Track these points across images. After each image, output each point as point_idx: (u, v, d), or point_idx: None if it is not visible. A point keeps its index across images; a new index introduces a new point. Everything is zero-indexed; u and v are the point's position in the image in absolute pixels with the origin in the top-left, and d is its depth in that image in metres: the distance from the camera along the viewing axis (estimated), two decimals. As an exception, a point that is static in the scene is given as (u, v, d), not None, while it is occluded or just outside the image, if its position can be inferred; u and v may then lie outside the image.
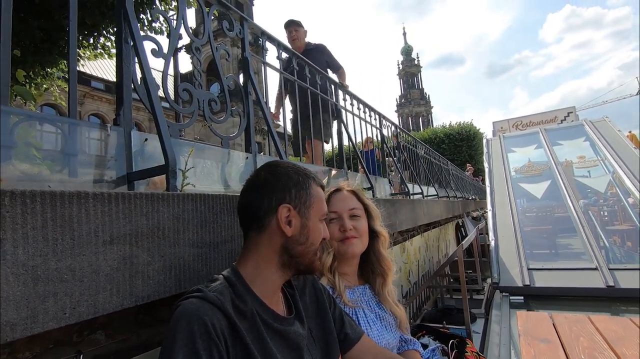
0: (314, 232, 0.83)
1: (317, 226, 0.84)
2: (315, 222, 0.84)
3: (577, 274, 3.26)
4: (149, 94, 1.24)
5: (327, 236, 0.87)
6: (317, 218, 0.84)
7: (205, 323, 0.64)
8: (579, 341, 1.43)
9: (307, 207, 0.83)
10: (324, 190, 0.90)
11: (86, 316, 0.65)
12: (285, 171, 0.84)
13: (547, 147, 6.26)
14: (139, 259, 0.75)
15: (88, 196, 0.67)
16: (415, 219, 3.40)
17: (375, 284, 1.18)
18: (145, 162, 1.34)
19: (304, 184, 0.84)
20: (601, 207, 4.91)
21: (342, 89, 3.15)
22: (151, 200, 0.79)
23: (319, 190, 0.87)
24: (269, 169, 0.86)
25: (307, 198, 0.83)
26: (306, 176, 0.86)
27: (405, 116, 59.66)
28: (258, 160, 1.91)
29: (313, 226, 0.83)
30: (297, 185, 0.83)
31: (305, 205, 0.83)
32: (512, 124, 14.86)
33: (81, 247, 0.65)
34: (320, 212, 0.85)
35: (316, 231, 0.84)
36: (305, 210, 0.83)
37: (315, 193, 0.85)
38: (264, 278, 0.80)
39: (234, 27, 1.85)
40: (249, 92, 1.92)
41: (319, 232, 0.84)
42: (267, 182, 0.82)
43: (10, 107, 0.97)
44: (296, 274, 0.86)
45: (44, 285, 0.59)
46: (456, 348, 1.26)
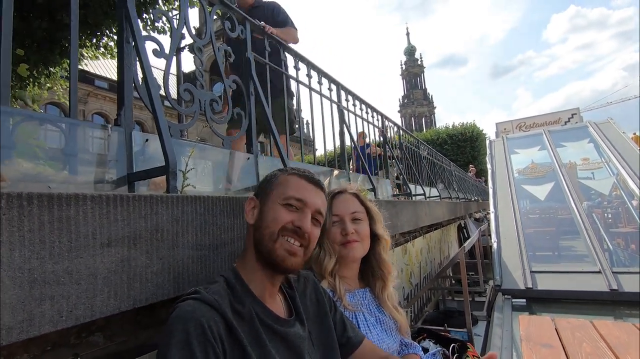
0: (267, 214, 0.80)
1: (273, 208, 0.81)
2: (273, 206, 0.81)
3: (580, 277, 3.24)
4: (149, 94, 1.23)
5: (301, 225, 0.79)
6: (276, 201, 0.81)
7: (202, 324, 0.63)
8: (582, 346, 1.40)
9: (267, 194, 0.84)
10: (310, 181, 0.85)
11: (83, 320, 0.64)
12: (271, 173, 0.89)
13: (550, 149, 6.23)
14: (138, 262, 0.75)
15: (86, 198, 0.67)
16: (417, 221, 3.38)
17: (375, 288, 1.17)
18: (146, 162, 1.34)
19: (272, 176, 0.86)
20: (605, 209, 4.87)
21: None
22: (150, 202, 0.79)
23: (287, 177, 0.85)
24: None
25: (267, 186, 0.85)
26: (280, 170, 0.88)
27: (408, 116, 59.57)
28: (260, 161, 1.90)
29: (268, 209, 0.81)
30: (265, 179, 0.87)
31: (265, 192, 0.84)
32: (515, 125, 14.80)
33: (78, 249, 0.64)
34: (281, 196, 0.81)
35: (270, 213, 0.80)
36: (264, 196, 0.84)
37: (280, 180, 0.85)
38: (253, 276, 0.80)
39: (236, 27, 1.84)
40: (251, 92, 1.92)
41: (273, 214, 0.80)
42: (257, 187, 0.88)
43: (11, 108, 0.97)
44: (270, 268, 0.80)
45: (40, 288, 0.59)
46: (457, 352, 1.25)
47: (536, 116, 15.48)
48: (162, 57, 1.39)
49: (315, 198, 0.84)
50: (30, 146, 1.11)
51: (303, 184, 0.84)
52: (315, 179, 0.87)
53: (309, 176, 0.86)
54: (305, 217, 0.81)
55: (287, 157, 1.99)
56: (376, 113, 3.89)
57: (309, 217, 0.82)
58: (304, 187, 0.84)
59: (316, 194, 0.85)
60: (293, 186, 0.83)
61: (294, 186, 0.83)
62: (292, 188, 0.83)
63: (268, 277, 0.81)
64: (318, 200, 0.84)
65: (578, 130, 6.95)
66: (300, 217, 0.80)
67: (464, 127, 20.76)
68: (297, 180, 0.84)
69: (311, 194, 0.84)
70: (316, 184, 0.86)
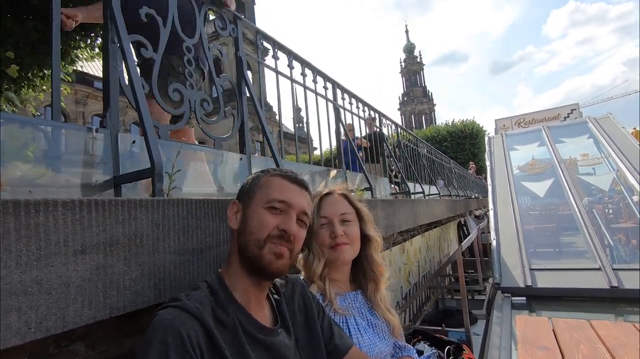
0: (252, 219, 0.77)
1: (257, 212, 0.78)
2: (256, 209, 0.78)
3: (580, 275, 3.21)
4: (134, 94, 1.21)
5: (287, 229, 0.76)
6: (259, 205, 0.78)
7: (180, 334, 0.61)
8: (579, 348, 1.37)
9: (250, 197, 0.81)
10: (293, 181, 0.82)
11: (54, 331, 0.62)
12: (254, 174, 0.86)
13: (550, 145, 6.19)
14: (114, 269, 0.72)
15: (57, 204, 0.64)
16: (416, 219, 3.35)
17: (367, 290, 1.14)
18: (134, 165, 1.31)
19: (255, 179, 0.83)
20: (605, 205, 4.84)
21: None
22: (128, 207, 0.76)
23: (270, 179, 0.82)
24: None
25: (249, 189, 0.82)
26: (261, 172, 0.85)
27: (408, 114, 59.49)
28: (253, 161, 1.88)
29: (252, 213, 0.78)
30: (247, 181, 0.84)
31: (247, 195, 0.81)
32: (514, 121, 14.75)
33: (49, 258, 0.62)
34: (264, 199, 0.78)
35: (255, 218, 0.77)
36: (247, 200, 0.81)
37: (262, 182, 0.81)
38: (237, 281, 0.77)
39: (226, 26, 1.82)
40: (243, 91, 1.89)
41: (258, 219, 0.77)
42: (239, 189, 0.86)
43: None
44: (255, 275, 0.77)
45: (5, 299, 0.56)
46: (452, 354, 1.22)
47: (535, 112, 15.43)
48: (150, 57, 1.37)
49: (300, 199, 0.81)
50: (13, 149, 1.09)
51: (286, 185, 0.81)
52: (299, 179, 0.84)
53: (292, 176, 0.83)
54: (290, 220, 0.78)
55: (280, 157, 1.96)
56: (373, 111, 3.86)
57: (294, 219, 0.79)
58: (287, 189, 0.81)
59: (300, 195, 0.82)
60: (276, 188, 0.80)
61: (277, 188, 0.80)
62: (275, 190, 0.79)
63: (254, 283, 0.78)
64: (303, 201, 0.82)
65: (577, 126, 6.91)
66: (285, 220, 0.78)
67: (463, 124, 20.70)
68: (279, 181, 0.81)
69: (295, 195, 0.81)
70: (300, 184, 0.83)
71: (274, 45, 2.25)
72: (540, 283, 3.19)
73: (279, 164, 1.80)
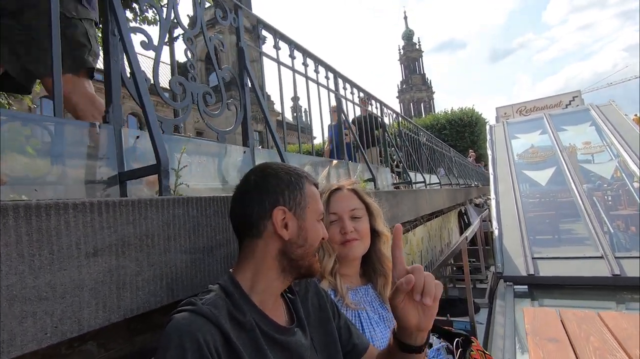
0: (312, 233, 0.80)
1: (314, 226, 0.81)
2: (313, 223, 0.81)
3: (583, 263, 3.23)
4: (137, 88, 1.18)
5: (326, 236, 0.84)
6: (314, 218, 0.81)
7: (197, 339, 0.60)
8: (589, 340, 1.37)
9: (303, 208, 0.79)
10: (317, 188, 0.87)
11: (70, 335, 0.61)
12: (275, 172, 0.80)
13: (551, 133, 6.17)
14: (127, 270, 0.71)
15: (67, 206, 0.62)
16: (418, 210, 3.36)
17: (377, 284, 1.14)
18: (138, 160, 1.29)
19: (297, 184, 0.80)
20: (605, 192, 4.86)
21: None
22: (138, 207, 0.74)
23: (313, 189, 0.83)
24: (258, 171, 0.82)
25: (301, 199, 0.80)
26: (298, 176, 0.82)
27: (406, 102, 59.12)
28: (256, 153, 1.86)
29: (310, 227, 0.80)
30: (289, 186, 0.79)
31: (300, 206, 0.79)
32: (515, 109, 14.67)
33: (61, 261, 0.61)
34: (317, 213, 0.82)
35: (314, 231, 0.80)
36: (300, 211, 0.79)
37: (310, 192, 0.82)
38: (264, 285, 0.76)
39: (227, 15, 1.77)
40: (245, 82, 1.86)
41: (316, 232, 0.81)
42: (257, 186, 0.79)
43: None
44: (297, 279, 0.82)
45: (20, 305, 0.55)
46: (461, 346, 1.23)
47: (537, 100, 15.32)
48: (150, 49, 1.34)
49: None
50: (16, 146, 1.07)
51: (319, 195, 0.86)
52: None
53: (317, 183, 0.88)
54: (324, 227, 0.84)
55: (283, 148, 1.94)
56: (374, 101, 3.83)
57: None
58: (320, 198, 0.86)
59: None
60: (319, 200, 0.85)
61: (319, 199, 0.85)
62: (320, 202, 0.85)
63: (283, 286, 0.80)
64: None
65: (579, 113, 6.87)
66: (323, 229, 0.84)
67: (463, 112, 20.58)
68: (317, 191, 0.86)
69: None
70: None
71: (275, 35, 2.20)
72: (543, 271, 3.21)
73: (283, 158, 1.78)
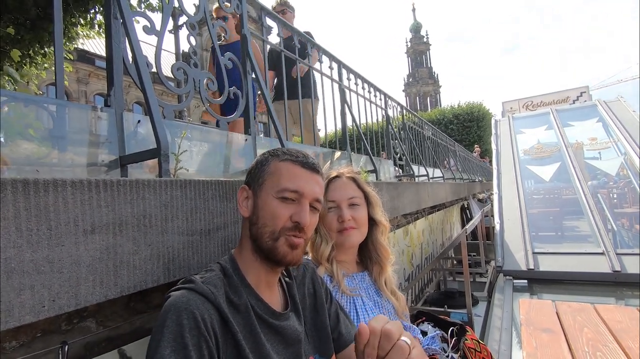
0: (263, 210, 0.74)
1: (268, 203, 0.74)
2: (266, 200, 0.74)
3: (583, 259, 3.22)
4: (139, 73, 1.18)
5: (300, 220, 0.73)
6: (270, 195, 0.74)
7: (195, 316, 0.61)
8: (583, 331, 1.38)
9: (260, 184, 0.76)
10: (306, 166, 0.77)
11: (67, 309, 0.63)
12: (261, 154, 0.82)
13: (557, 129, 6.10)
14: (124, 249, 0.72)
15: (66, 184, 0.63)
16: (420, 202, 3.35)
17: (373, 272, 1.15)
18: (139, 144, 1.30)
19: (261, 162, 0.79)
20: (610, 189, 4.81)
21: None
22: (136, 187, 0.75)
23: (280, 165, 0.76)
24: None
25: (259, 175, 0.77)
26: (270, 154, 0.79)
27: (412, 95, 58.60)
28: (258, 142, 1.86)
29: (262, 204, 0.75)
30: (256, 164, 0.79)
31: (257, 182, 0.77)
32: (522, 104, 14.49)
33: (59, 237, 0.62)
34: (274, 189, 0.74)
35: (266, 209, 0.74)
36: (257, 187, 0.77)
37: (273, 169, 0.76)
38: (248, 265, 0.77)
39: (231, 2, 1.76)
40: (248, 71, 1.85)
41: (270, 211, 0.73)
42: None
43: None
44: (269, 262, 0.76)
45: (18, 277, 0.56)
46: (456, 335, 1.24)
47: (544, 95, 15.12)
48: (152, 34, 1.33)
49: (312, 186, 0.76)
50: (18, 128, 1.08)
51: (297, 172, 0.76)
52: (310, 162, 0.78)
53: (304, 160, 0.77)
54: (303, 210, 0.74)
55: (285, 138, 1.94)
56: (379, 92, 3.80)
57: (307, 209, 0.74)
58: (299, 176, 0.76)
59: (313, 181, 0.77)
60: (287, 175, 0.75)
61: (288, 175, 0.75)
62: (286, 178, 0.75)
63: (266, 269, 0.77)
64: (315, 187, 0.77)
65: (586, 109, 6.78)
66: (298, 211, 0.74)
67: (470, 106, 20.38)
68: (291, 167, 0.76)
69: (308, 183, 0.76)
70: (312, 169, 0.77)
71: (279, 24, 2.19)
72: (543, 266, 3.21)
73: (284, 146, 1.78)
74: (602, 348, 1.28)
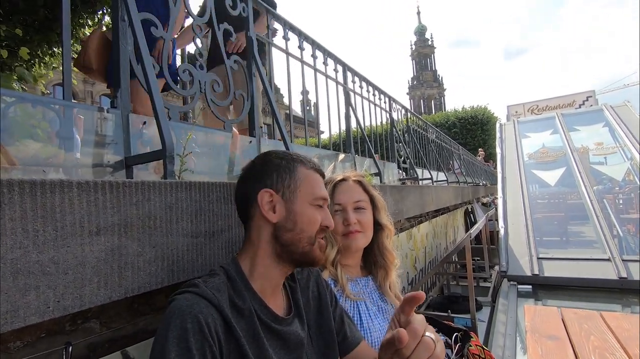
0: (302, 216, 0.77)
1: (306, 210, 0.78)
2: (304, 207, 0.78)
3: (588, 265, 3.19)
4: (145, 74, 1.19)
5: (329, 224, 0.81)
6: (306, 202, 0.78)
7: (199, 320, 0.61)
8: (590, 339, 1.36)
9: (292, 191, 0.78)
10: (321, 175, 0.84)
11: (72, 310, 0.63)
12: (270, 157, 0.82)
13: (563, 133, 6.06)
14: (129, 250, 0.72)
15: (72, 185, 0.64)
16: (423, 206, 3.34)
17: (377, 277, 1.14)
18: (145, 146, 1.31)
19: (287, 167, 0.80)
20: (616, 195, 4.77)
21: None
22: (141, 188, 0.76)
23: (308, 173, 0.81)
24: (260, 157, 0.84)
25: (291, 181, 0.79)
26: (291, 159, 0.81)
27: (417, 98, 58.52)
28: (262, 144, 1.86)
29: (300, 210, 0.77)
30: (278, 169, 0.79)
31: (289, 189, 0.78)
32: (527, 108, 14.42)
33: (65, 238, 0.62)
34: (310, 196, 0.79)
35: (305, 215, 0.78)
36: (290, 194, 0.78)
37: (303, 176, 0.80)
38: (261, 271, 0.76)
39: (237, 5, 1.77)
40: (253, 73, 1.86)
41: (308, 217, 0.78)
42: (252, 170, 0.81)
43: (2, 89, 0.94)
44: (296, 266, 0.81)
45: (24, 278, 0.57)
46: (460, 341, 1.23)
47: (549, 99, 15.04)
48: (159, 36, 1.34)
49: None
50: (25, 129, 1.09)
51: (320, 180, 0.83)
52: (322, 170, 0.86)
53: (320, 169, 0.85)
54: (328, 215, 0.82)
55: (290, 140, 1.94)
56: (383, 95, 3.80)
57: (330, 213, 0.83)
58: (322, 184, 0.83)
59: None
60: (316, 184, 0.82)
61: (317, 184, 0.82)
62: (317, 186, 0.81)
63: (283, 273, 0.79)
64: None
65: (593, 113, 6.73)
66: (326, 216, 0.81)
67: (474, 110, 20.26)
68: (316, 176, 0.83)
69: (325, 189, 0.85)
70: (323, 176, 0.86)
71: (285, 26, 2.19)
72: (548, 271, 3.18)
73: (288, 148, 1.78)
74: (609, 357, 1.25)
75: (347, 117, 3.07)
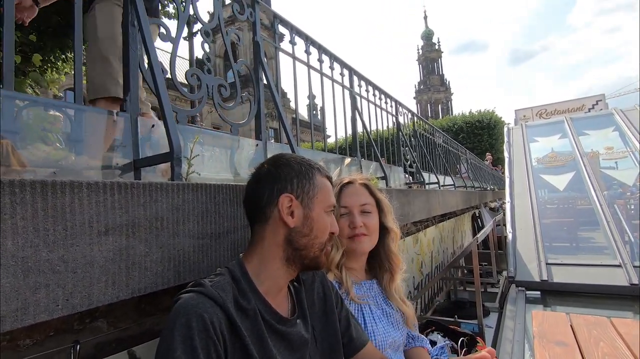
0: (318, 223, 0.80)
1: (321, 217, 0.81)
2: (320, 214, 0.81)
3: (598, 271, 3.13)
4: (154, 79, 1.21)
5: (336, 231, 0.84)
6: (322, 209, 0.81)
7: (204, 320, 0.62)
8: (599, 346, 1.33)
9: (311, 198, 0.80)
10: (331, 182, 0.87)
11: (80, 308, 0.64)
12: (287, 161, 0.82)
13: (572, 137, 5.98)
14: (136, 251, 0.74)
15: (82, 186, 0.65)
16: (430, 210, 3.32)
17: (382, 280, 1.14)
18: (153, 148, 1.33)
19: (307, 173, 0.82)
20: (628, 200, 4.68)
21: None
22: (149, 190, 0.77)
23: (324, 181, 0.84)
24: (272, 160, 0.85)
25: (310, 188, 0.81)
26: (309, 166, 0.83)
27: (424, 102, 58.38)
28: (269, 147, 1.88)
29: (317, 217, 0.80)
30: (299, 175, 0.81)
31: (308, 195, 0.80)
32: (535, 112, 14.28)
33: (74, 238, 0.63)
34: (325, 204, 0.82)
35: (321, 222, 0.81)
36: (308, 200, 0.80)
37: (320, 183, 0.83)
38: (269, 273, 0.77)
39: (244, 10, 1.79)
40: (260, 77, 1.88)
41: (324, 224, 0.81)
42: (269, 173, 0.81)
43: (15, 92, 0.96)
44: (302, 270, 0.83)
45: (34, 276, 0.58)
46: (466, 346, 1.22)
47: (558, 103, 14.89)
48: (168, 41, 1.37)
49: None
50: (37, 131, 1.11)
51: (332, 188, 0.87)
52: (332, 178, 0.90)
53: (331, 177, 0.88)
54: (334, 221, 0.85)
55: (296, 144, 1.95)
56: (390, 99, 3.80)
57: (335, 219, 0.86)
58: (332, 191, 0.86)
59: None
60: (330, 192, 0.85)
61: (330, 191, 0.85)
62: (330, 194, 0.85)
63: (290, 276, 0.81)
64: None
65: (602, 117, 6.64)
66: (334, 222, 0.85)
67: (481, 114, 20.13)
68: (328, 184, 0.86)
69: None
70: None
71: (292, 31, 2.22)
72: (556, 277, 3.13)
73: (295, 151, 1.79)
74: (618, 364, 1.23)
75: (353, 121, 3.08)
